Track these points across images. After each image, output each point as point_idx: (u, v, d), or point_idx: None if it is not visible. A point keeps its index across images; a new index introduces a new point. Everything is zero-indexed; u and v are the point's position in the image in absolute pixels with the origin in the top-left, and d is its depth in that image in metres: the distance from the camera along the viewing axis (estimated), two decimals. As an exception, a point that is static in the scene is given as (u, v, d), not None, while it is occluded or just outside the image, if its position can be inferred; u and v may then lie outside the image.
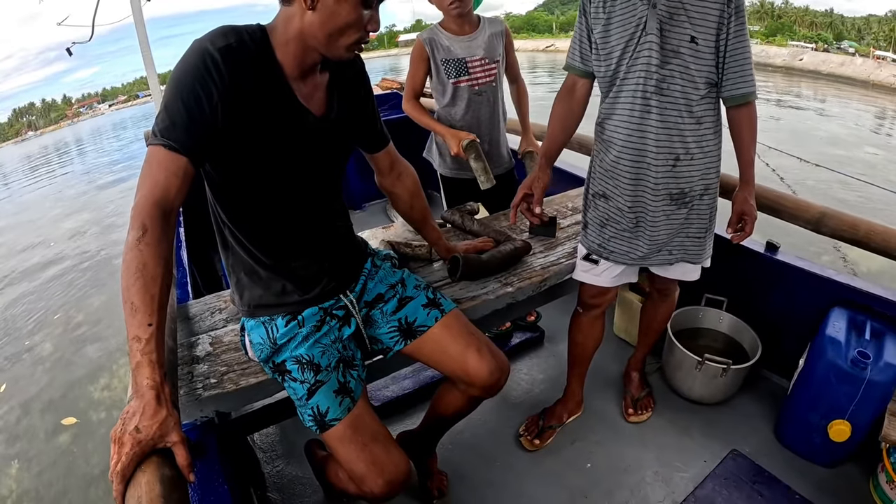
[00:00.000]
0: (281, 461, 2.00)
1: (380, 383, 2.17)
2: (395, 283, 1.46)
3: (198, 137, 1.04)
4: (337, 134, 1.28)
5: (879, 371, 1.62)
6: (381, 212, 4.21)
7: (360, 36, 1.12)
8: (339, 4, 1.05)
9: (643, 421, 2.06)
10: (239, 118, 1.07)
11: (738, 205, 1.59)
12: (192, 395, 1.32)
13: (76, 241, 7.79)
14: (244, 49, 1.06)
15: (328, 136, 1.25)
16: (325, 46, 1.11)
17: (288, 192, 1.23)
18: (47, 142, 40.38)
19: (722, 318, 2.23)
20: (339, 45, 1.11)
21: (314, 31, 1.08)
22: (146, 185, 1.01)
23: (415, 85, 2.27)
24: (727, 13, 1.36)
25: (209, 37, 1.05)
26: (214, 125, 1.05)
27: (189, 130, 1.02)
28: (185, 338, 1.54)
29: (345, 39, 1.10)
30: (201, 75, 1.02)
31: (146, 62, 3.29)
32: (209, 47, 1.03)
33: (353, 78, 1.32)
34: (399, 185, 1.57)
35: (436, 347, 1.41)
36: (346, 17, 1.07)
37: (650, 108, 1.45)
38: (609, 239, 1.66)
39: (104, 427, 3.29)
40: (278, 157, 1.17)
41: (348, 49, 1.13)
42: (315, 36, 1.09)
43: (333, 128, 1.26)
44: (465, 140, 2.12)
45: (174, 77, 1.04)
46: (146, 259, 0.95)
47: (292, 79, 1.15)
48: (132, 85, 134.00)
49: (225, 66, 1.03)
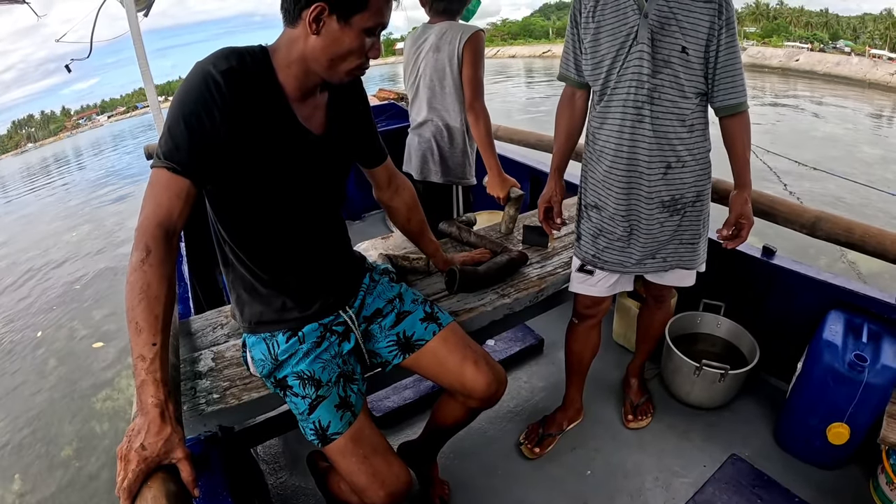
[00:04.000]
0: (284, 473, 2.01)
1: (381, 394, 2.18)
2: (393, 298, 1.48)
3: (200, 160, 1.05)
4: (337, 152, 1.30)
5: (877, 373, 1.63)
6: (381, 222, 4.22)
7: (362, 62, 1.14)
8: (343, 31, 1.07)
9: (643, 427, 2.07)
10: (241, 140, 1.09)
11: (738, 207, 1.55)
12: (195, 410, 1.34)
13: (78, 252, 7.80)
14: (246, 71, 1.08)
15: (328, 155, 1.27)
16: (327, 71, 1.13)
17: (288, 212, 1.24)
18: (47, 154, 40.43)
19: (720, 323, 2.24)
20: (340, 70, 1.13)
21: (317, 55, 1.10)
22: (149, 206, 1.03)
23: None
24: (718, 24, 1.37)
25: (211, 59, 1.07)
26: (217, 147, 1.06)
27: (192, 153, 1.04)
28: (188, 353, 1.56)
29: (346, 65, 1.12)
30: (204, 98, 1.03)
31: (144, 76, 3.31)
32: (211, 70, 1.04)
33: (352, 95, 1.34)
34: (397, 199, 1.59)
35: (434, 361, 1.43)
36: (349, 44, 1.08)
37: (642, 118, 1.46)
38: (603, 249, 1.67)
39: (107, 439, 3.31)
40: (279, 177, 1.18)
41: (349, 74, 1.15)
42: (317, 60, 1.10)
43: (333, 146, 1.27)
44: (514, 190, 2.16)
45: (177, 100, 1.05)
46: (150, 279, 0.97)
47: (293, 100, 1.16)
48: (131, 96, 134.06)
49: (227, 89, 1.04)
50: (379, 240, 2.15)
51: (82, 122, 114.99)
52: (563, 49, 1.65)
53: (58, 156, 34.60)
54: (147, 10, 4.29)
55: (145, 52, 3.45)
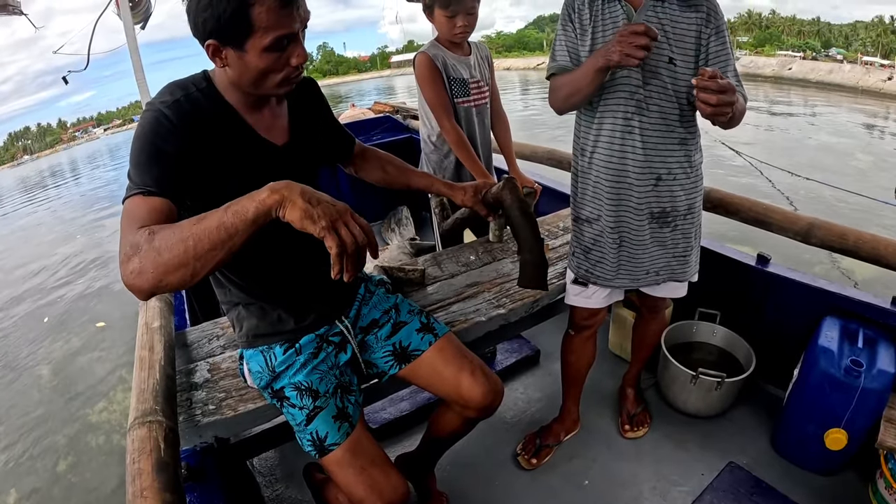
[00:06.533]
0: (280, 485, 2.00)
1: (377, 405, 2.17)
2: (389, 309, 1.48)
3: (170, 178, 1.01)
4: (305, 158, 1.29)
5: (873, 378, 1.63)
6: (376, 234, 4.16)
7: (287, 74, 1.10)
8: (243, 59, 1.04)
9: (640, 436, 2.07)
10: (203, 162, 1.07)
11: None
12: (190, 421, 1.33)
13: (72, 265, 7.79)
14: (192, 100, 1.07)
15: (296, 162, 1.25)
16: (257, 91, 1.11)
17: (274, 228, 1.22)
18: (43, 165, 40.44)
19: (715, 332, 2.25)
20: (268, 87, 1.10)
21: (240, 82, 1.09)
22: (127, 236, 0.93)
23: (445, 103, 2.13)
24: (706, 33, 1.38)
25: (157, 98, 1.06)
26: (182, 169, 1.03)
27: (161, 175, 1.00)
28: (184, 365, 1.56)
29: (270, 82, 1.09)
30: (157, 132, 1.01)
31: (140, 89, 3.31)
32: (160, 108, 1.03)
33: (309, 97, 1.35)
34: (366, 163, 1.60)
35: (430, 371, 1.43)
36: (258, 67, 1.05)
37: (632, 129, 1.46)
38: (595, 264, 1.67)
39: (103, 454, 3.29)
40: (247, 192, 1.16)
41: (280, 86, 1.11)
42: (242, 85, 1.09)
43: (300, 153, 1.27)
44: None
45: (135, 142, 1.02)
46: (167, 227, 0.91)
47: (247, 114, 1.16)
48: (127, 109, 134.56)
49: (178, 119, 1.02)
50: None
51: (79, 134, 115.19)
52: (555, 45, 1.53)
53: (53, 168, 34.59)
54: (144, 22, 4.30)
55: (142, 65, 3.46)
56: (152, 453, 1.03)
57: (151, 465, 1.00)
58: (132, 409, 1.20)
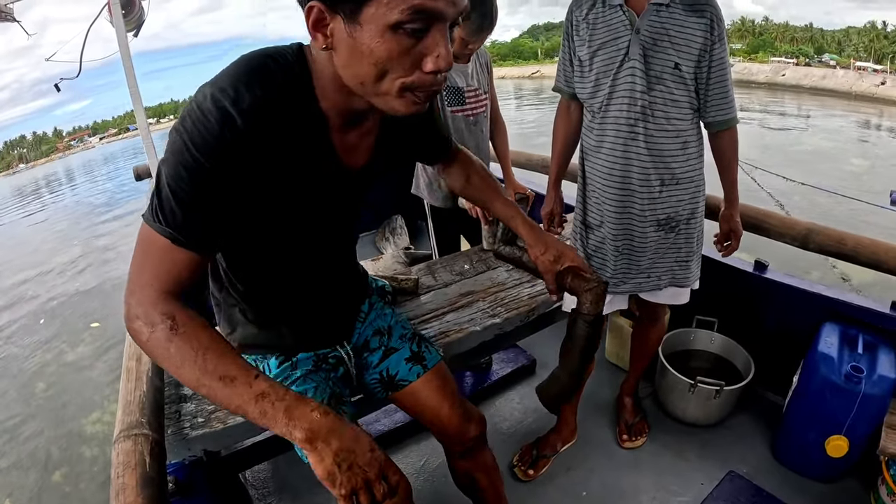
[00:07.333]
0: (273, 498, 1.96)
1: (371, 417, 2.14)
2: (383, 331, 1.39)
3: (207, 229, 0.83)
4: (377, 177, 1.10)
5: (874, 384, 1.62)
6: (371, 244, 4.11)
7: (416, 79, 0.77)
8: (352, 39, 0.73)
9: (638, 446, 2.04)
10: (263, 194, 0.87)
11: (725, 223, 1.67)
12: (179, 434, 1.31)
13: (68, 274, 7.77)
14: (276, 104, 0.81)
15: (364, 185, 1.08)
16: (366, 92, 0.80)
17: (303, 253, 1.12)
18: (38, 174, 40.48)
19: (713, 339, 2.23)
20: (382, 91, 0.78)
21: (345, 74, 0.79)
22: (147, 273, 0.82)
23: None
24: (710, 39, 1.38)
25: (227, 83, 0.78)
26: (228, 211, 0.84)
27: (198, 223, 0.81)
28: (172, 376, 1.52)
29: (387, 84, 0.77)
30: (214, 149, 0.77)
31: (133, 97, 3.29)
32: (228, 107, 0.77)
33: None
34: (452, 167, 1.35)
35: (413, 401, 1.36)
36: (371, 52, 0.73)
37: (636, 135, 1.46)
38: (597, 270, 1.65)
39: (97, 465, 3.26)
40: (302, 224, 1.02)
41: (400, 95, 0.78)
42: (347, 78, 0.80)
43: (375, 174, 1.07)
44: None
45: (182, 142, 0.77)
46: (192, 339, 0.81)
47: (336, 130, 0.91)
48: (123, 118, 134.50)
49: (249, 134, 0.78)
50: (369, 262, 2.14)
51: (74, 143, 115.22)
52: (559, 62, 1.65)
53: (49, 177, 34.59)
54: (137, 30, 4.29)
55: (135, 73, 3.44)
56: (137, 467, 1.01)
57: (136, 479, 0.98)
58: (118, 421, 1.17)
